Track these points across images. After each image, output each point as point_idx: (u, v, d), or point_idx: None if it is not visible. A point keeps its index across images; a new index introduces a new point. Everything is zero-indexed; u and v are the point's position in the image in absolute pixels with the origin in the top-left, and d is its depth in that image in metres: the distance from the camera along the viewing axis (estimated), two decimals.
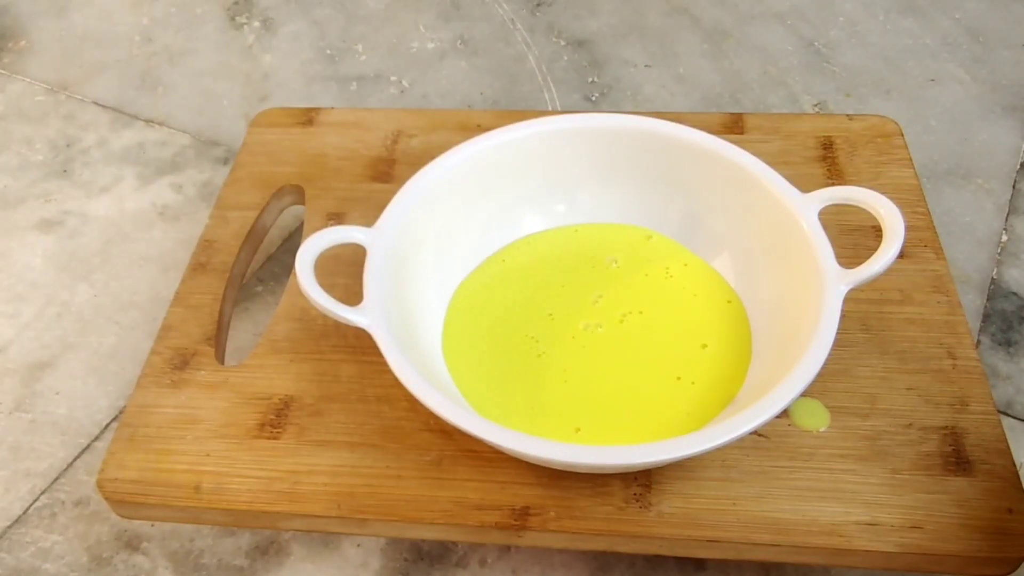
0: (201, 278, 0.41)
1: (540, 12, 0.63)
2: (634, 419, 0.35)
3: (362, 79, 0.59)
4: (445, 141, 0.42)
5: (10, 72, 0.61)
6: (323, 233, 0.37)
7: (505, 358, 0.38)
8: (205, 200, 0.52)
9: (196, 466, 0.35)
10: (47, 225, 0.52)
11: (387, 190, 0.41)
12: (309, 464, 0.35)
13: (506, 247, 0.42)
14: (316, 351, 0.38)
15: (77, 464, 0.42)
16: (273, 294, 0.47)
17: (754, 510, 0.33)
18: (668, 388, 0.36)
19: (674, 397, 0.36)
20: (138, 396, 0.37)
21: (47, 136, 0.57)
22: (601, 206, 0.42)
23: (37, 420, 0.44)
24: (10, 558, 0.39)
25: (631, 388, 0.36)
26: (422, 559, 0.38)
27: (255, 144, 0.47)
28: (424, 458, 0.35)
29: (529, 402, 0.36)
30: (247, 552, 0.39)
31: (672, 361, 0.37)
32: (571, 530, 0.33)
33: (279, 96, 0.59)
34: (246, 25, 0.64)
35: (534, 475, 0.34)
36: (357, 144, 0.46)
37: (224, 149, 0.55)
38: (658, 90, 0.58)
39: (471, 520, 0.33)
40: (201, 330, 0.39)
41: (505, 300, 0.40)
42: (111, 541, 0.39)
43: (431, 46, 0.61)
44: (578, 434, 0.35)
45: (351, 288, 0.39)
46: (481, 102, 0.58)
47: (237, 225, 0.43)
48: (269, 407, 0.37)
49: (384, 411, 0.36)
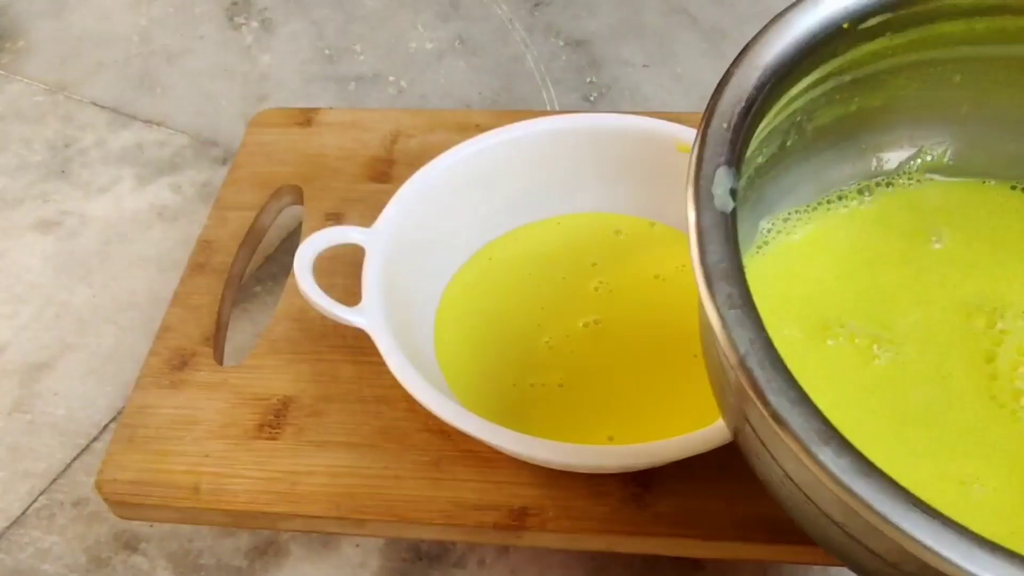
0: (200, 278, 0.41)
1: (538, 12, 0.63)
2: (635, 418, 0.35)
3: (360, 79, 0.59)
4: (444, 141, 0.42)
5: (8, 72, 0.61)
6: (321, 233, 0.37)
7: (501, 357, 0.38)
8: (204, 200, 0.52)
9: (195, 467, 0.35)
10: (45, 226, 0.52)
11: (386, 190, 0.41)
12: (308, 464, 0.35)
13: (496, 242, 0.41)
14: (315, 351, 0.38)
15: (76, 465, 0.42)
16: (272, 294, 0.47)
17: (751, 509, 0.33)
18: (668, 387, 0.36)
19: (675, 397, 0.36)
20: (137, 397, 0.37)
21: (45, 136, 0.57)
22: (601, 206, 0.42)
23: (35, 421, 0.44)
24: (9, 559, 0.39)
25: (630, 387, 0.36)
26: (421, 559, 0.38)
27: (253, 144, 0.47)
28: (423, 458, 0.35)
29: (522, 401, 0.36)
30: (246, 552, 0.39)
31: (673, 360, 0.37)
32: (569, 530, 0.33)
33: (277, 96, 0.59)
34: (244, 25, 0.64)
35: (532, 475, 0.34)
36: (356, 144, 0.46)
37: (222, 149, 0.55)
38: (656, 90, 0.58)
39: (469, 520, 0.33)
40: (200, 331, 0.39)
41: (499, 298, 0.40)
42: (110, 542, 0.39)
43: (429, 46, 0.61)
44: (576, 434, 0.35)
45: (350, 288, 0.39)
46: (480, 102, 0.58)
47: (236, 225, 0.43)
48: (268, 408, 0.37)
49: (383, 411, 0.36)
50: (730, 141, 0.25)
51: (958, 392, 0.28)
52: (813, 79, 0.28)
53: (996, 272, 0.31)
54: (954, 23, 0.29)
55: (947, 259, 0.31)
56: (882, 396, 0.28)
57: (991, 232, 0.32)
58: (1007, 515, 0.26)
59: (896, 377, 0.28)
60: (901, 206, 0.32)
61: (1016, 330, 0.29)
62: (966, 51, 0.30)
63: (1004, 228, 0.32)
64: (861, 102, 0.31)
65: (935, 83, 0.31)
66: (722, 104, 0.25)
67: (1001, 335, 0.29)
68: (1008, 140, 0.32)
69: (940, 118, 0.32)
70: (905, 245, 0.31)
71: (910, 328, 0.29)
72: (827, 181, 0.32)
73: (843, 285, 0.30)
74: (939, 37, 0.29)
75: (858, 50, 0.29)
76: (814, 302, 0.30)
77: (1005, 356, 0.28)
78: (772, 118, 0.28)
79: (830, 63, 0.28)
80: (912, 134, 0.33)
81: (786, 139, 0.30)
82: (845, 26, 0.27)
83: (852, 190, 0.33)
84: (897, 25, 0.28)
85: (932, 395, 0.28)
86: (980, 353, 0.29)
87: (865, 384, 0.28)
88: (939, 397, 0.28)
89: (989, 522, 0.25)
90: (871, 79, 0.30)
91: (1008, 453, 0.27)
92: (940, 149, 0.33)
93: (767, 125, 0.28)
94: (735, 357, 0.22)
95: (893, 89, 0.31)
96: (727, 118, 0.25)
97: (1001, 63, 0.30)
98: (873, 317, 0.30)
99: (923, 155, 0.33)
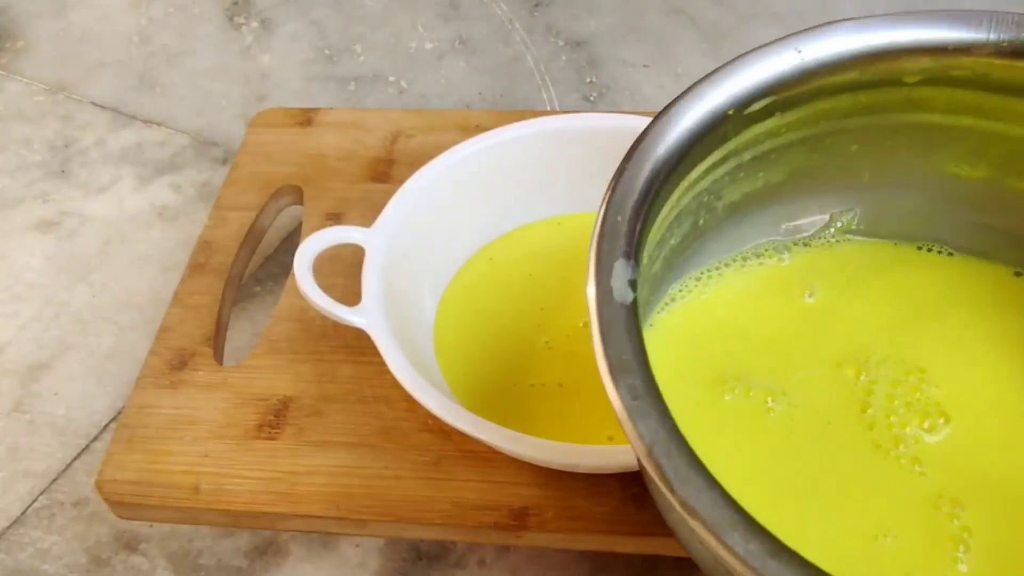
0: (200, 278, 0.41)
1: (538, 12, 0.63)
2: None
3: (360, 79, 0.59)
4: (444, 141, 0.42)
5: (8, 72, 0.61)
6: (321, 233, 0.37)
7: (501, 358, 0.38)
8: (204, 200, 0.52)
9: (195, 467, 0.35)
10: (45, 225, 0.52)
11: (385, 190, 0.41)
12: (308, 465, 0.35)
13: (496, 242, 0.41)
14: (315, 351, 0.38)
15: (76, 465, 0.42)
16: (272, 294, 0.47)
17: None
18: None
19: None
20: (136, 397, 0.37)
21: (45, 136, 0.57)
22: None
23: (35, 421, 0.44)
24: (8, 559, 0.39)
25: None
26: (421, 559, 0.38)
27: (253, 144, 0.47)
28: (422, 458, 0.35)
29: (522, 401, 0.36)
30: (246, 552, 0.39)
31: None
32: (569, 530, 0.33)
33: (277, 96, 0.59)
34: (244, 25, 0.64)
35: (532, 475, 0.34)
36: (356, 144, 0.46)
37: (222, 149, 0.55)
38: (656, 90, 0.58)
39: (469, 520, 0.33)
40: (200, 331, 0.39)
41: (499, 298, 0.40)
42: (110, 542, 0.39)
43: (429, 46, 0.61)
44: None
45: (350, 288, 0.39)
46: (479, 102, 0.58)
47: (236, 225, 0.43)
48: (268, 408, 0.37)
49: (383, 411, 0.36)
50: (626, 234, 0.25)
51: (845, 443, 0.29)
52: (711, 162, 0.29)
53: (866, 324, 0.31)
54: (838, 98, 0.29)
55: (819, 313, 0.32)
56: (780, 450, 0.29)
57: (882, 288, 0.32)
58: (921, 565, 0.26)
59: (789, 430, 0.29)
60: (811, 265, 0.33)
61: (881, 378, 0.30)
62: (857, 121, 0.30)
63: (897, 285, 0.32)
64: (766, 177, 0.31)
65: (833, 154, 0.31)
66: (616, 198, 0.26)
67: (871, 384, 0.30)
68: (911, 201, 0.33)
69: (844, 186, 0.33)
70: (790, 300, 0.32)
71: (799, 381, 0.30)
72: (743, 244, 0.33)
73: (742, 340, 0.31)
74: (827, 112, 0.30)
75: (750, 131, 0.29)
76: (715, 357, 0.30)
77: (877, 404, 0.29)
78: (675, 203, 0.28)
79: (724, 146, 0.29)
80: (821, 202, 0.33)
81: (697, 219, 0.30)
82: (731, 112, 0.28)
83: (769, 248, 0.33)
84: (783, 105, 0.29)
85: (824, 447, 0.29)
86: (856, 404, 0.29)
87: (762, 439, 0.29)
88: (830, 449, 0.29)
89: (909, 573, 0.26)
90: (770, 155, 0.30)
91: (905, 500, 0.27)
92: (849, 216, 0.33)
93: (671, 210, 0.28)
94: (642, 448, 0.22)
95: (793, 163, 0.31)
96: (622, 211, 0.26)
97: (891, 130, 0.31)
98: (768, 371, 0.30)
99: (834, 222, 0.33)
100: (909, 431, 0.29)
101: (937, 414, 0.29)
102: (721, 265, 0.33)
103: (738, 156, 0.30)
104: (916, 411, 0.29)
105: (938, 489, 0.28)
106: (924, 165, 0.32)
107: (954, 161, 0.31)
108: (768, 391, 0.29)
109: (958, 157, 0.31)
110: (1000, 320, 0.31)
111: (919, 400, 0.29)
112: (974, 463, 0.28)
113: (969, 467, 0.28)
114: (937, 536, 0.27)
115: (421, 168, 0.39)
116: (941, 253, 0.33)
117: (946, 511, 0.27)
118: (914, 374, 0.30)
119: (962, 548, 0.27)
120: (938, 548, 0.27)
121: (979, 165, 0.31)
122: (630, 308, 0.25)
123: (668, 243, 0.30)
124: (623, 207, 0.26)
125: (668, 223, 0.29)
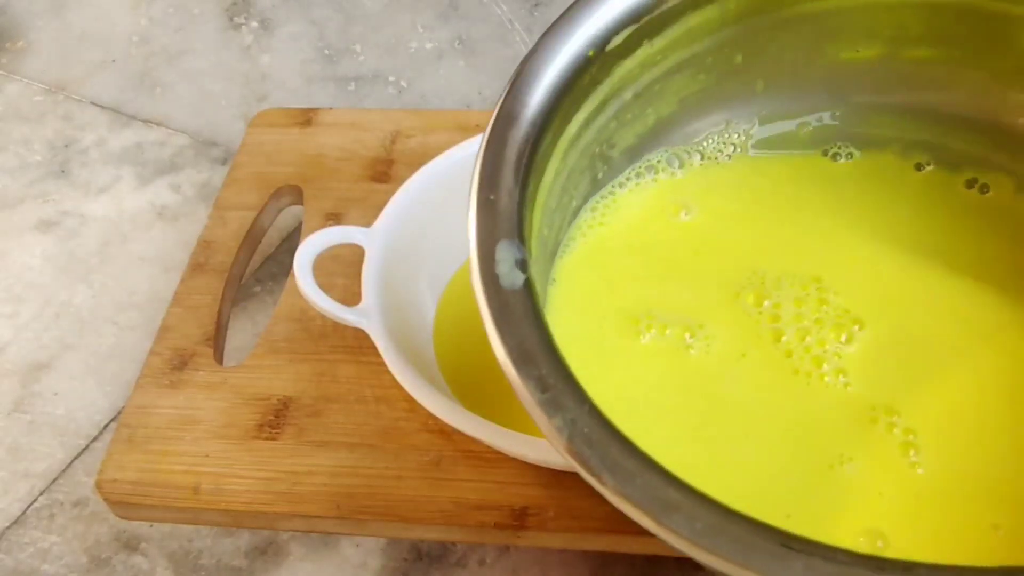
0: (200, 278, 0.41)
1: (538, 12, 0.63)
2: None
3: (360, 79, 0.59)
4: (443, 141, 0.42)
5: (7, 72, 0.61)
6: (321, 233, 0.37)
7: None
8: (204, 200, 0.52)
9: (195, 467, 0.35)
10: (45, 225, 0.52)
11: (385, 190, 0.41)
12: (308, 464, 0.35)
13: None
14: (315, 351, 0.38)
15: (76, 465, 0.42)
16: (272, 294, 0.47)
17: None
18: None
19: None
20: (137, 397, 0.37)
21: (45, 136, 0.57)
22: None
23: (35, 421, 0.44)
24: (8, 559, 0.39)
25: None
26: (421, 559, 0.38)
27: (253, 144, 0.47)
28: (423, 458, 0.35)
29: None
30: (246, 552, 0.39)
31: None
32: (570, 530, 0.33)
33: (277, 96, 0.59)
34: (244, 25, 0.64)
35: (533, 475, 0.34)
36: (355, 144, 0.46)
37: (222, 149, 0.55)
38: None
39: (470, 520, 0.33)
40: (200, 330, 0.39)
41: None
42: (110, 542, 0.39)
43: (429, 46, 0.61)
44: None
45: (349, 288, 0.39)
46: (479, 102, 0.58)
47: (236, 225, 0.43)
48: (268, 407, 0.37)
49: (383, 411, 0.36)
50: (503, 212, 0.23)
51: (768, 377, 0.27)
52: (587, 112, 0.27)
53: (753, 243, 0.29)
54: (705, 10, 0.27)
55: (700, 233, 0.30)
56: (708, 391, 0.27)
57: (778, 201, 0.31)
58: (881, 481, 0.25)
59: (714, 368, 0.27)
60: (704, 182, 0.31)
61: (783, 299, 0.28)
62: (734, 30, 0.28)
63: (794, 196, 0.31)
64: (656, 112, 0.29)
65: (719, 70, 0.29)
66: (484, 177, 0.24)
67: (776, 309, 0.28)
68: (811, 100, 0.31)
69: (741, 100, 0.31)
70: (667, 219, 0.30)
71: (709, 314, 0.28)
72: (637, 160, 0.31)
73: (643, 270, 0.29)
74: (699, 27, 0.28)
75: (622, 67, 0.27)
76: (624, 297, 0.28)
77: (790, 331, 0.28)
78: (560, 164, 0.26)
79: (597, 92, 0.27)
80: (718, 120, 0.31)
81: (595, 173, 0.29)
82: (591, 54, 0.26)
83: (662, 161, 0.31)
84: (648, 32, 0.27)
85: (747, 384, 0.27)
86: (768, 332, 0.28)
87: (689, 381, 0.27)
88: (754, 385, 0.27)
89: (870, 506, 0.24)
90: (653, 88, 0.29)
91: (842, 422, 0.26)
92: (748, 126, 0.31)
93: (558, 173, 0.26)
94: (562, 443, 0.21)
95: (680, 90, 0.29)
96: (494, 190, 0.24)
97: (773, 30, 0.29)
98: (676, 305, 0.28)
99: (732, 132, 0.31)
100: (829, 348, 0.27)
101: (851, 322, 0.28)
102: (615, 187, 0.30)
103: (618, 98, 0.28)
104: (829, 325, 0.28)
105: (870, 400, 0.26)
106: (819, 59, 0.30)
107: (848, 46, 0.30)
108: (685, 327, 0.27)
109: (851, 41, 0.30)
110: (892, 215, 0.30)
111: (828, 314, 0.28)
112: (896, 362, 0.27)
113: (893, 368, 0.27)
114: (886, 448, 0.26)
115: (421, 168, 0.39)
116: (847, 158, 0.31)
117: (884, 421, 0.26)
118: (812, 284, 0.28)
119: (912, 452, 0.26)
120: (891, 460, 0.25)
121: (873, 44, 0.30)
122: (523, 291, 0.22)
123: (569, 206, 0.28)
124: (494, 185, 0.24)
125: (560, 187, 0.26)
